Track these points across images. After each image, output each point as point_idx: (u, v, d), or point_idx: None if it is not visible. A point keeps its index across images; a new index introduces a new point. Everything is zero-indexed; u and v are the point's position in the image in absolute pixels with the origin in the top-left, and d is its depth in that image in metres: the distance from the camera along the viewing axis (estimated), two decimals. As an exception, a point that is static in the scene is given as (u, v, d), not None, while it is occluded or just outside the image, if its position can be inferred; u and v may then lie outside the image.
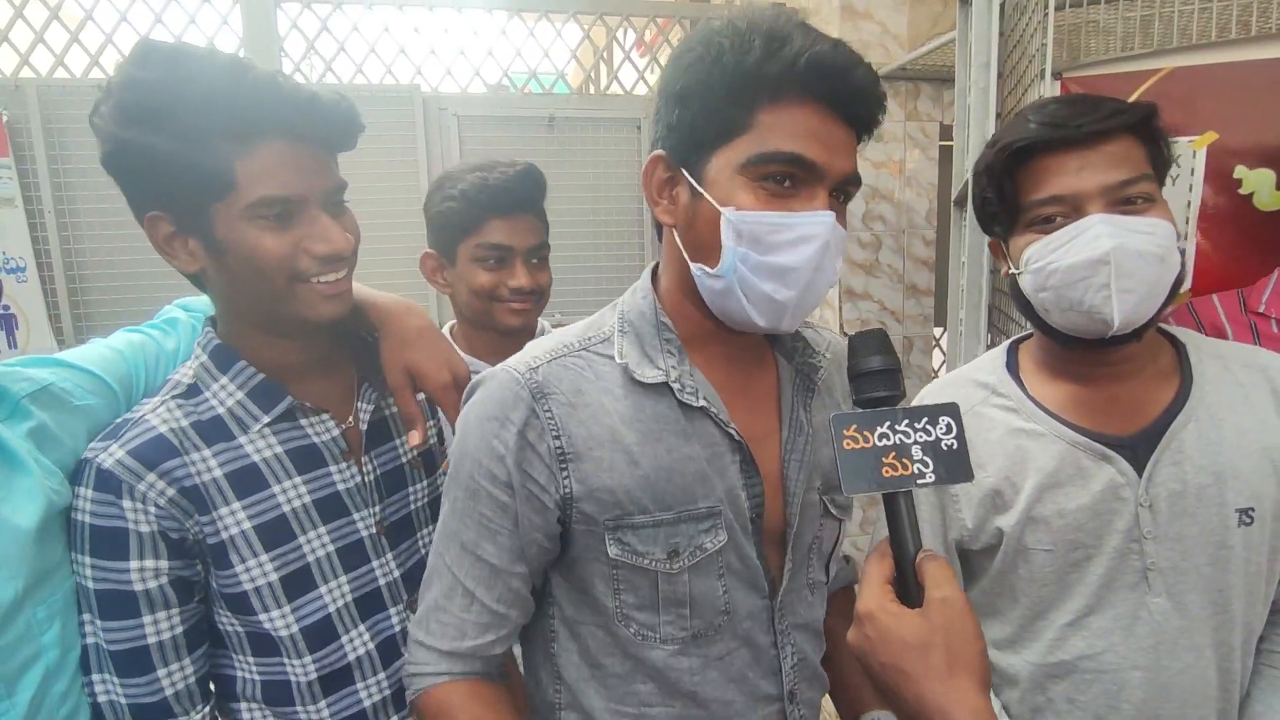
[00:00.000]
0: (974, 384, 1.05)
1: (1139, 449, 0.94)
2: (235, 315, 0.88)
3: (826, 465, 0.89)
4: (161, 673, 0.81)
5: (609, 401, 0.80)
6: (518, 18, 2.79)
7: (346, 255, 0.85)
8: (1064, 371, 1.00)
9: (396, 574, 0.95)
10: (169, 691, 0.82)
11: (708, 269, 0.77)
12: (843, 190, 0.78)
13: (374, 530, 0.93)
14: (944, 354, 3.13)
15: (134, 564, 0.78)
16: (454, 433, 0.85)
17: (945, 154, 2.75)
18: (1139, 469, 0.93)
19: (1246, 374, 0.97)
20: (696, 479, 0.80)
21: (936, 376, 3.18)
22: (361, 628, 0.91)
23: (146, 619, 0.80)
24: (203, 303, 1.03)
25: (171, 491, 0.79)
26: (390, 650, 0.94)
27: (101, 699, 0.80)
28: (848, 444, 0.67)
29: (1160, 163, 0.94)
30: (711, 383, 0.84)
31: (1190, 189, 1.43)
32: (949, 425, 0.68)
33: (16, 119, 2.40)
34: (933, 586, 0.65)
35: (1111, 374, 0.97)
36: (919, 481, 0.67)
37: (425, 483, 1.01)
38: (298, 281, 0.82)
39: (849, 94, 0.73)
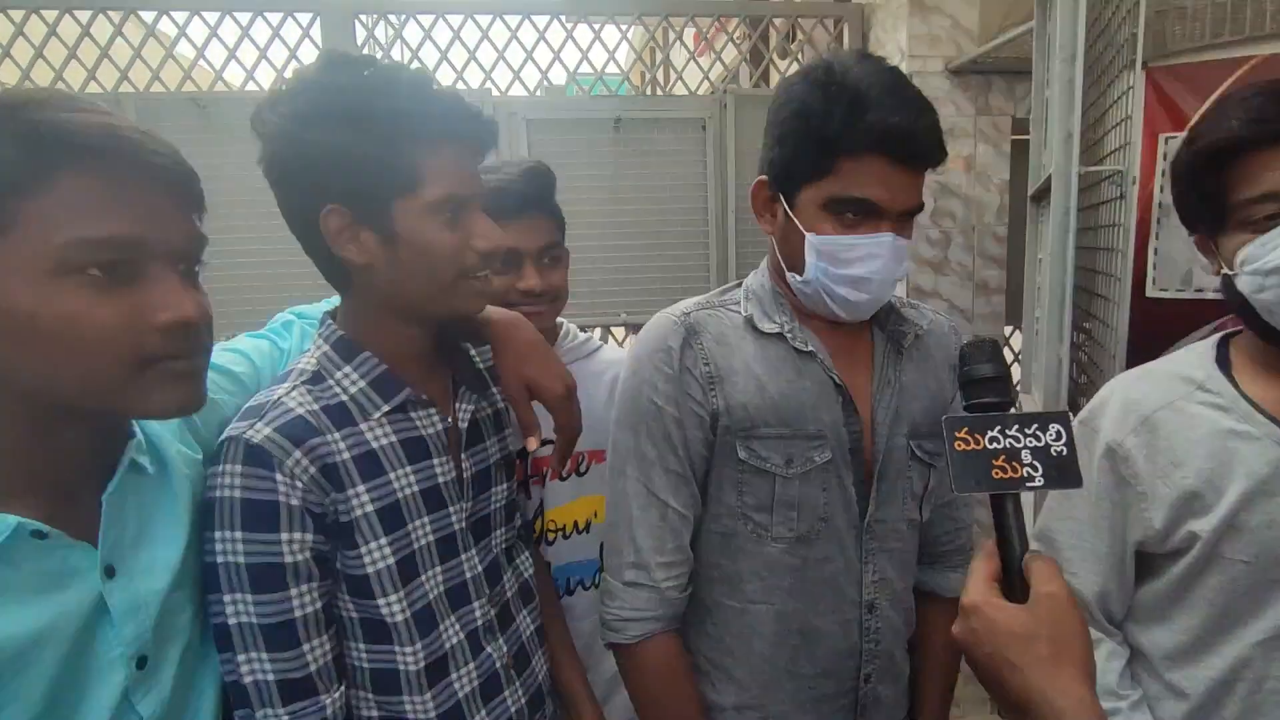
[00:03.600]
0: (1175, 378, 0.98)
1: None
2: (378, 305, 0.91)
3: (916, 416, 1.06)
4: (306, 647, 0.83)
5: (742, 344, 1.03)
6: (583, 22, 2.83)
7: (503, 252, 0.92)
8: None
9: (480, 569, 0.98)
10: (313, 667, 0.83)
11: (797, 276, 1.01)
12: (908, 216, 0.98)
13: (464, 525, 0.96)
14: (1014, 353, 3.06)
15: (284, 535, 0.81)
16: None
17: (1018, 148, 2.68)
18: None
19: None
20: (809, 407, 1.01)
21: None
22: (452, 618, 0.94)
23: (293, 591, 0.82)
24: (315, 310, 1.10)
25: (314, 469, 0.83)
26: (475, 643, 0.96)
27: (247, 679, 0.81)
28: (959, 445, 0.69)
29: None
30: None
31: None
32: (1059, 432, 0.69)
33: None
34: (1039, 582, 0.66)
35: None
36: (1027, 485, 0.68)
37: (505, 486, 1.05)
38: (463, 276, 0.88)
39: (914, 151, 0.93)
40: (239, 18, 2.62)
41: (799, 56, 3.05)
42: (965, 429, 0.70)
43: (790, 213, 0.98)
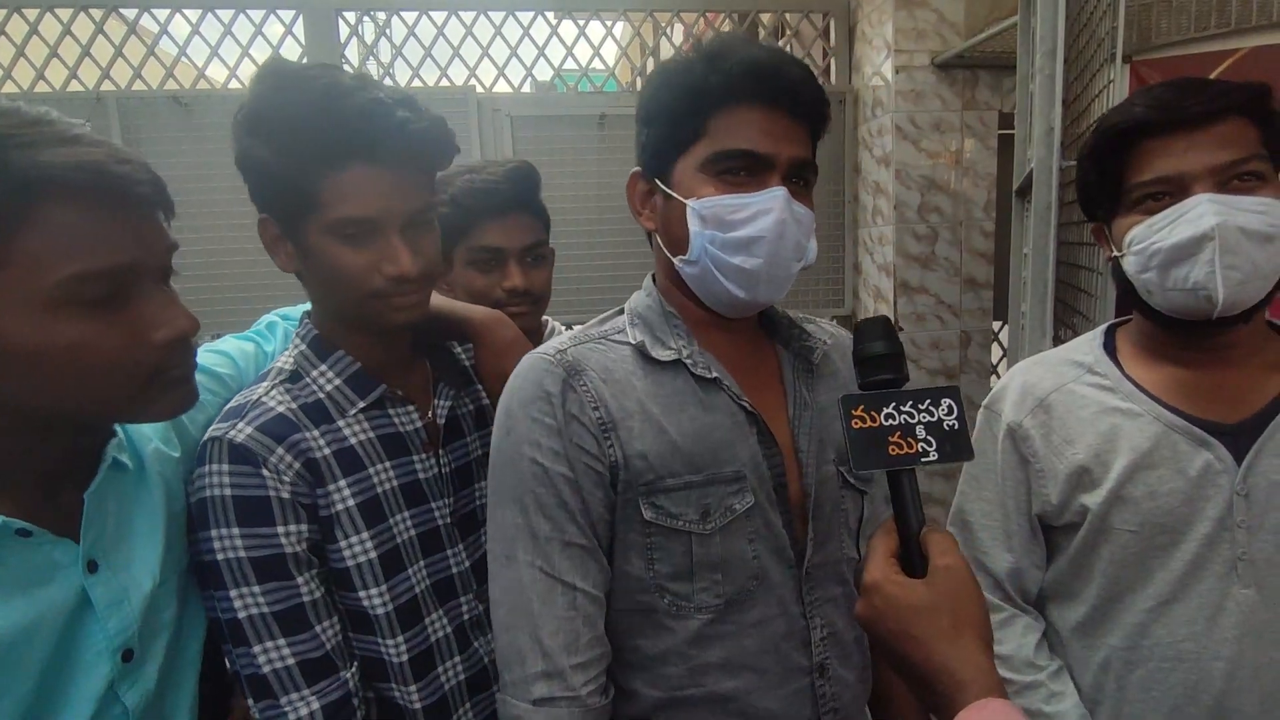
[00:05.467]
0: (1068, 363, 1.05)
1: (1240, 437, 0.92)
2: (327, 313, 0.95)
3: (839, 439, 0.92)
4: (319, 628, 0.85)
5: (633, 380, 0.87)
6: (568, 18, 2.82)
7: (414, 278, 0.88)
8: (1165, 355, 0.99)
9: (467, 564, 0.99)
10: (329, 645, 0.85)
11: (683, 257, 0.87)
12: (800, 176, 0.87)
13: (448, 520, 0.98)
14: (1003, 348, 3.06)
15: (281, 528, 0.83)
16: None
17: (1005, 143, 2.68)
18: (1238, 457, 0.91)
19: None
20: (722, 444, 0.86)
21: (996, 371, 3.11)
22: (439, 612, 0.96)
23: (300, 579, 0.84)
24: (298, 311, 1.11)
25: (298, 464, 0.85)
26: (462, 636, 0.98)
27: (265, 669, 0.82)
28: (855, 423, 0.69)
29: (1277, 143, 0.92)
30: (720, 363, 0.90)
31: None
32: (950, 406, 0.71)
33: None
34: (936, 555, 0.66)
35: (1215, 360, 0.95)
36: (923, 460, 0.69)
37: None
38: (373, 298, 0.88)
39: (785, 90, 0.83)
40: (221, 15, 2.59)
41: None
42: (861, 406, 0.70)
43: (668, 190, 0.87)
